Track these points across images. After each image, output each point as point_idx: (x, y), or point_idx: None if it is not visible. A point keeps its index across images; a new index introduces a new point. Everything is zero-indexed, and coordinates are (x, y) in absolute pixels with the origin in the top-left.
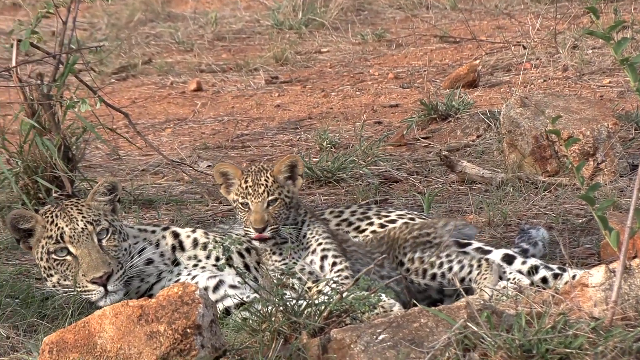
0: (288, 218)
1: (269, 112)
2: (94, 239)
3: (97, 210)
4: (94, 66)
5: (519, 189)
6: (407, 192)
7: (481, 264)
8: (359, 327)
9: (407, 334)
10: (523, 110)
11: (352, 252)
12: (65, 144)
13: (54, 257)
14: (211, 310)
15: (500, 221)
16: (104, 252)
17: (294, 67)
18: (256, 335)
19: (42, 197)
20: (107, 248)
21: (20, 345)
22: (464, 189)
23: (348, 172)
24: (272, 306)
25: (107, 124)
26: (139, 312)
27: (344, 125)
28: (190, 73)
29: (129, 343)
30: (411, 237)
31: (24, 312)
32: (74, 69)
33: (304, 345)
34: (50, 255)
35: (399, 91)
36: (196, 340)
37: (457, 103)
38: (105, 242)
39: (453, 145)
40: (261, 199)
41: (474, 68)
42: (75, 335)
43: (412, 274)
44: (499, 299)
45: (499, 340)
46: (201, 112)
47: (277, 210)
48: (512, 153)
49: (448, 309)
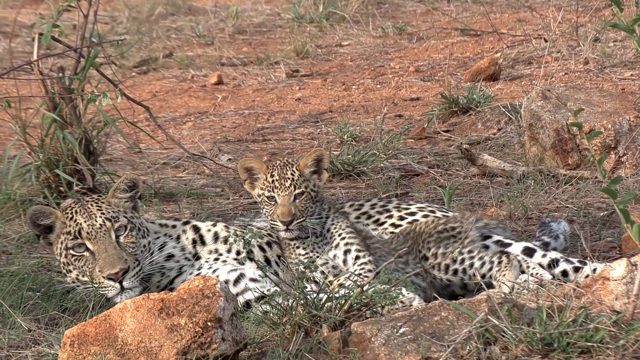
0: (314, 212)
1: (289, 105)
2: (112, 235)
3: (116, 206)
4: (115, 60)
5: (540, 182)
6: (428, 185)
7: (501, 260)
8: (379, 321)
9: (427, 327)
10: (544, 104)
11: (376, 249)
12: (86, 138)
13: (72, 253)
14: (232, 303)
15: (522, 214)
16: (121, 248)
17: (315, 61)
18: (277, 328)
19: (64, 191)
20: (125, 245)
21: (42, 338)
22: (485, 182)
23: (369, 165)
24: (293, 299)
25: (128, 117)
26: (160, 305)
27: (365, 119)
28: (211, 66)
29: (149, 336)
30: (436, 232)
31: (45, 306)
32: (95, 62)
33: (324, 338)
34: (68, 251)
35: (420, 84)
36: (217, 334)
37: (478, 96)
38: (123, 238)
39: (474, 139)
40: (288, 192)
41: (495, 61)
42: (96, 329)
43: (435, 269)
44: (519, 293)
45: (520, 333)
46: (222, 105)
47: (304, 204)
48: (533, 146)
49: (469, 302)
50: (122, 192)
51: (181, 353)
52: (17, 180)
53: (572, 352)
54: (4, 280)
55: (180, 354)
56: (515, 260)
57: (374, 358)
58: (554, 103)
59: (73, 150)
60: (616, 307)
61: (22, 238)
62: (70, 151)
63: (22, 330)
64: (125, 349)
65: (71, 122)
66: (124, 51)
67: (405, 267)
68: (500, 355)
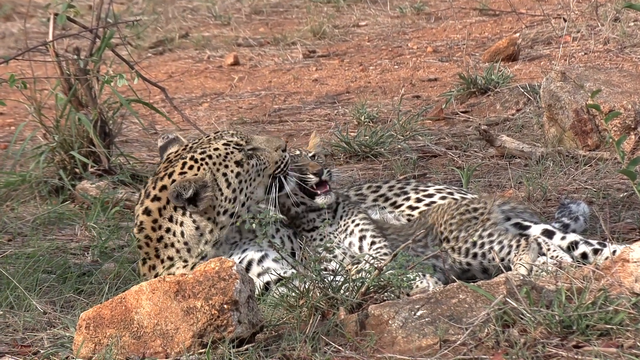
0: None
1: (306, 86)
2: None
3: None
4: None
5: (559, 163)
6: (446, 166)
7: (520, 244)
8: (397, 303)
9: (445, 310)
10: (563, 84)
11: (392, 239)
12: (101, 119)
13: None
14: (248, 286)
15: (540, 196)
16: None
17: (332, 41)
18: (293, 311)
19: (79, 172)
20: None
21: (57, 320)
22: (503, 163)
23: (386, 146)
24: (310, 282)
25: (143, 98)
26: (176, 287)
27: (382, 100)
28: (227, 47)
29: (165, 319)
30: (458, 214)
31: (60, 288)
32: (111, 43)
33: (341, 321)
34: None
35: (438, 65)
36: (233, 316)
37: (497, 77)
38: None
39: (492, 120)
40: (306, 152)
41: (514, 41)
42: (112, 311)
43: (454, 252)
44: (538, 275)
45: (539, 316)
46: (238, 86)
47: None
48: (552, 127)
49: (487, 284)
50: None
51: (197, 336)
52: (32, 162)
53: (591, 334)
54: (19, 262)
55: (197, 336)
56: (534, 243)
57: (391, 341)
58: (573, 84)
59: (88, 131)
60: (636, 289)
61: (38, 220)
62: (85, 133)
63: (37, 313)
64: (141, 332)
65: (86, 104)
66: (139, 32)
67: (425, 251)
68: (519, 338)
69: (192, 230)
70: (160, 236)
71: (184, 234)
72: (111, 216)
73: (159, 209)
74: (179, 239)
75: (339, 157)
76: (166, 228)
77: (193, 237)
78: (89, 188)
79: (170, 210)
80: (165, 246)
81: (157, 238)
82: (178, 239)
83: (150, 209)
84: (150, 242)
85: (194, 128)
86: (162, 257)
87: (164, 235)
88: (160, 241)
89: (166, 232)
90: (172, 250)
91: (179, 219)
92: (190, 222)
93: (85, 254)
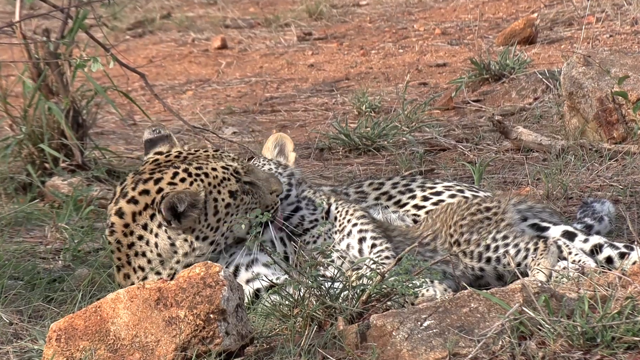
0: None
1: (301, 72)
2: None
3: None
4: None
5: (582, 157)
6: (456, 161)
7: (538, 247)
8: (401, 313)
9: (455, 320)
10: (586, 70)
11: (398, 242)
12: (74, 108)
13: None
14: (237, 293)
15: (561, 194)
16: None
17: (330, 22)
18: (287, 321)
19: (49, 168)
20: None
21: (25, 332)
22: (520, 157)
23: (389, 139)
24: (305, 289)
25: (121, 86)
26: (157, 295)
27: (385, 87)
28: (214, 29)
29: (145, 330)
30: (469, 214)
31: (28, 296)
32: (84, 24)
33: (340, 332)
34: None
35: (447, 49)
36: (220, 327)
37: (512, 62)
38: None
39: (507, 109)
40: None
41: (531, 22)
42: (85, 321)
43: (466, 257)
44: (558, 282)
45: (559, 327)
46: (226, 72)
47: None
48: (574, 117)
49: (501, 292)
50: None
51: (180, 349)
52: None
53: (617, 347)
54: None
55: (180, 349)
56: (554, 246)
57: (395, 354)
58: (597, 69)
59: (59, 122)
60: None
61: (3, 220)
62: (56, 124)
63: (2, 324)
64: (118, 344)
65: (57, 91)
66: (116, 11)
67: (434, 255)
68: (537, 352)
69: (167, 245)
70: (132, 242)
71: (157, 246)
72: (85, 216)
73: (133, 213)
74: (152, 249)
75: (338, 151)
76: (138, 235)
77: (167, 251)
78: (60, 185)
79: (145, 218)
80: (136, 254)
81: (128, 244)
82: (151, 249)
83: (124, 211)
84: (121, 248)
85: (177, 118)
86: (133, 265)
87: (135, 242)
88: (131, 247)
89: (138, 239)
90: (143, 259)
91: (153, 229)
92: (165, 237)
93: (56, 258)
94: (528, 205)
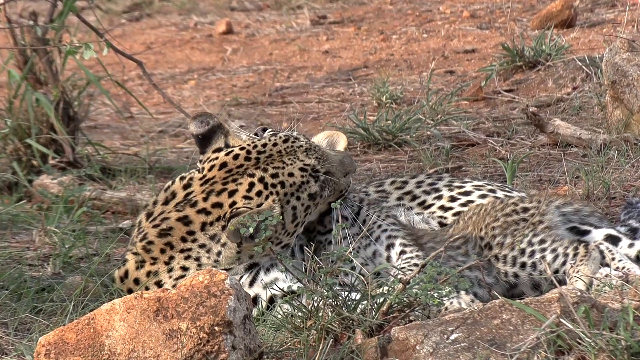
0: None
1: (315, 59)
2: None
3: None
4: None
5: (625, 153)
6: (486, 157)
7: (578, 252)
8: (426, 325)
9: (485, 332)
10: (631, 56)
11: (430, 249)
12: (64, 100)
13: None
14: (244, 303)
15: (602, 193)
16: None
17: (346, 4)
18: (300, 334)
19: (37, 165)
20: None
21: (11, 346)
22: (557, 153)
23: (412, 133)
24: (320, 299)
25: (116, 75)
26: (156, 306)
27: (408, 76)
28: (219, 12)
29: (143, 344)
30: (502, 215)
31: (15, 307)
32: (75, 6)
33: (358, 346)
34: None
35: (476, 33)
36: (226, 341)
37: (549, 47)
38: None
39: (543, 100)
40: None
41: (570, 3)
42: (77, 335)
43: (499, 262)
44: (600, 290)
45: (600, 340)
46: (232, 60)
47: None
48: (617, 109)
49: (536, 302)
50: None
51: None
52: None
53: None
54: None
55: None
56: (595, 251)
57: None
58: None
59: (48, 115)
60: None
61: None
62: (44, 116)
63: None
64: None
65: (46, 81)
66: None
67: (467, 260)
68: None
69: (232, 254)
70: (188, 248)
71: (220, 254)
72: (76, 219)
73: (203, 224)
74: (211, 257)
75: (355, 146)
76: (201, 243)
77: (228, 258)
78: (50, 184)
79: (217, 229)
80: (187, 257)
81: (182, 249)
82: (210, 256)
83: (192, 219)
84: (167, 250)
85: (178, 111)
86: (173, 265)
87: (192, 248)
88: (183, 252)
89: (199, 247)
90: (192, 263)
91: (222, 239)
92: (234, 248)
93: (44, 264)
94: (574, 208)
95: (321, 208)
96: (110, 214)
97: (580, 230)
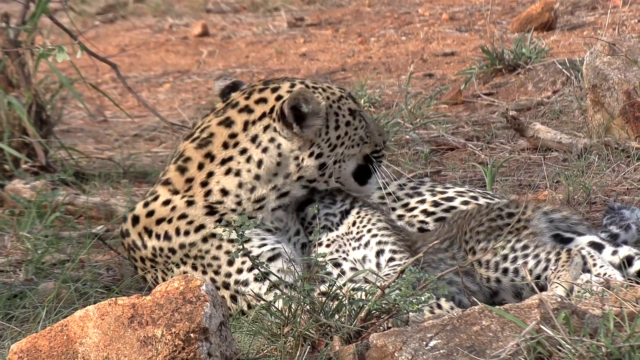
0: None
1: (292, 62)
2: None
3: None
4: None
5: (606, 157)
6: (465, 162)
7: (560, 257)
8: (404, 332)
9: (465, 339)
10: (612, 59)
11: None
12: (37, 103)
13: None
14: (220, 310)
15: (583, 198)
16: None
17: (324, 6)
18: (276, 340)
19: (9, 169)
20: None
21: None
22: (537, 158)
23: (391, 137)
24: (297, 305)
25: (89, 77)
26: (131, 312)
27: (386, 79)
28: (194, 14)
29: (117, 351)
30: (487, 220)
31: None
32: (48, 8)
33: (336, 353)
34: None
35: (455, 36)
36: (202, 348)
37: (529, 50)
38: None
39: (523, 104)
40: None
41: (550, 6)
42: (50, 342)
43: (482, 267)
44: (580, 296)
45: (581, 347)
46: (207, 62)
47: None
48: (598, 113)
49: (516, 308)
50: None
51: None
52: None
53: None
54: None
55: None
56: (578, 257)
57: None
58: (623, 59)
59: (20, 118)
60: None
61: None
62: (17, 120)
63: None
64: None
65: (18, 84)
66: None
67: (455, 264)
68: None
69: (273, 162)
70: (230, 157)
71: (261, 164)
72: (49, 224)
73: (245, 122)
74: (251, 168)
75: None
76: (242, 148)
77: (268, 170)
78: (22, 189)
79: (259, 128)
80: (228, 172)
81: (224, 159)
82: (250, 167)
83: (234, 120)
84: (206, 164)
85: (153, 114)
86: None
87: (234, 157)
88: (224, 163)
89: (240, 154)
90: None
91: (263, 142)
92: (275, 152)
93: (16, 270)
94: (562, 215)
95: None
96: (83, 219)
97: (563, 237)
